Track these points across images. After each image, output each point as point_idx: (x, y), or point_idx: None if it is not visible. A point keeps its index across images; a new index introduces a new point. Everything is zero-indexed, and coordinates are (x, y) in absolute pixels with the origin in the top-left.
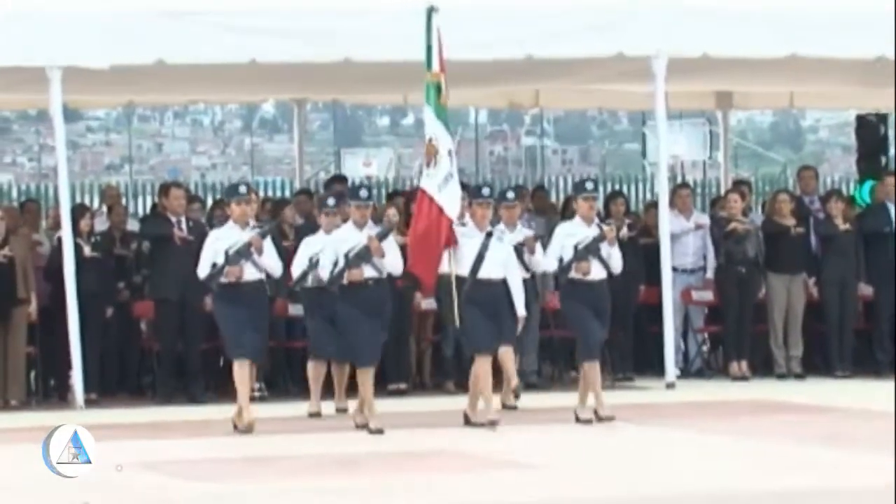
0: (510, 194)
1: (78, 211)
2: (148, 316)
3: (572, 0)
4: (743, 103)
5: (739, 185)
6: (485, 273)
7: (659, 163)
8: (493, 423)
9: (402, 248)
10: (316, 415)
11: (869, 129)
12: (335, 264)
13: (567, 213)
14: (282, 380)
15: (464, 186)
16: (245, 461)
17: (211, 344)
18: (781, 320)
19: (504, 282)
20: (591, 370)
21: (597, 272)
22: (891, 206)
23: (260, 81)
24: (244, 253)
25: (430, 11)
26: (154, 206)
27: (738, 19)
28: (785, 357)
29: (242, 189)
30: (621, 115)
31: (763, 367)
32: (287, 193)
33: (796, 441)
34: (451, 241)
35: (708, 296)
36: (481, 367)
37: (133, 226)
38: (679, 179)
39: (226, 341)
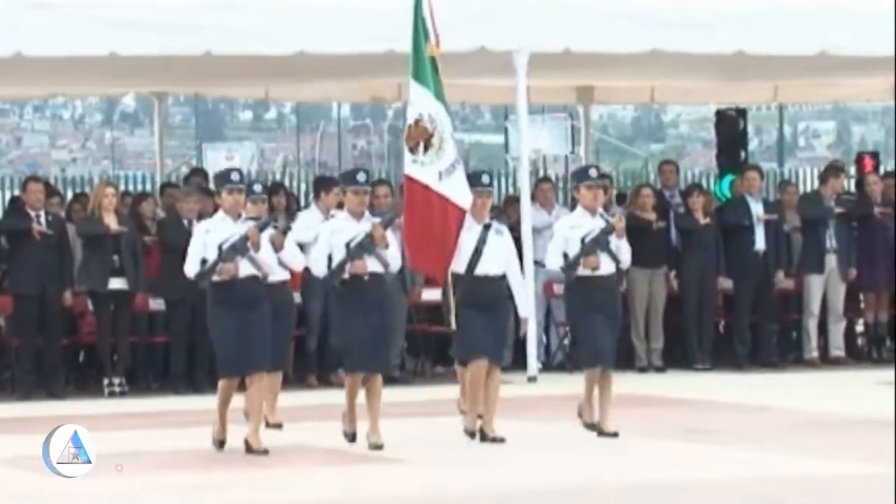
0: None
1: None
2: (6, 311)
3: None
4: (604, 98)
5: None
6: (483, 269)
7: (521, 157)
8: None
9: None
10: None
11: (728, 124)
12: (330, 257)
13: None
14: (142, 375)
15: None
16: (105, 457)
17: (71, 339)
18: (643, 313)
19: (504, 278)
20: (591, 379)
21: (606, 266)
22: (750, 200)
23: (120, 75)
24: (240, 248)
25: None
26: (12, 200)
27: (600, 14)
28: (646, 350)
29: (235, 176)
30: (483, 109)
31: (624, 360)
32: (148, 187)
33: (656, 434)
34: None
35: None
36: (474, 374)
37: None
38: (541, 173)
39: (217, 353)
